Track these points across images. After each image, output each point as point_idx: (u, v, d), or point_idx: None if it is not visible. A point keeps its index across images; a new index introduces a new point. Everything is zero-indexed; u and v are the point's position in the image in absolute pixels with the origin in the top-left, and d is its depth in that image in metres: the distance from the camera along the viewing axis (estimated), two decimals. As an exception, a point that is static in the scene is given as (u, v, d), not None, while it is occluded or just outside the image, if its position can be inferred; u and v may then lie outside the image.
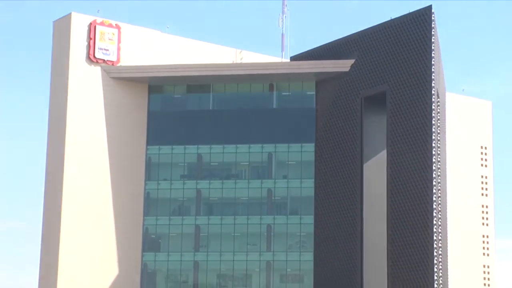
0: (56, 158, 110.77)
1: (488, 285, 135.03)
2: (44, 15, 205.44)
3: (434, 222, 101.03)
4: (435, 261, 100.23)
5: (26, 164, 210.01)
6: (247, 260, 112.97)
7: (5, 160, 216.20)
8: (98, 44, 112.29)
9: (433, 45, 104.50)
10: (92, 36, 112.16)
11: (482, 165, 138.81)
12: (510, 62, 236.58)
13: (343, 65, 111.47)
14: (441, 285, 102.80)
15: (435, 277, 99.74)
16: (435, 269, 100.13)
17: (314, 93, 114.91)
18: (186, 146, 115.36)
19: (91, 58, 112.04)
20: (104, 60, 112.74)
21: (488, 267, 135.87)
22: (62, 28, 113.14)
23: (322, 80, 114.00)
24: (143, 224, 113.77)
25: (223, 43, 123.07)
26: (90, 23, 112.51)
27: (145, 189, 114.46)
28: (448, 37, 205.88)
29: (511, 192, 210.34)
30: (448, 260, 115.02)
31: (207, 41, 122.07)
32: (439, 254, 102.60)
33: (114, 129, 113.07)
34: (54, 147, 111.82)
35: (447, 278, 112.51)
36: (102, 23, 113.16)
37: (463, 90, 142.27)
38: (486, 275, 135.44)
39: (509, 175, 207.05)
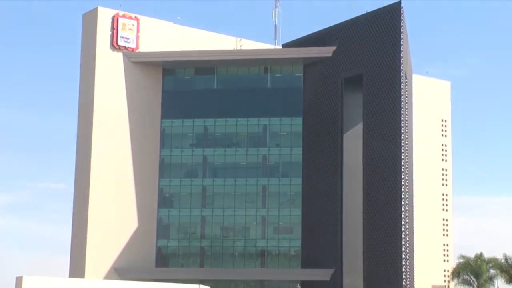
0: (86, 131, 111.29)
1: (446, 235, 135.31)
2: (74, 8, 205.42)
3: (402, 182, 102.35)
4: (403, 215, 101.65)
5: (60, 136, 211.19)
6: (245, 215, 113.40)
7: (43, 132, 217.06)
8: (120, 33, 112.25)
9: (402, 34, 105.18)
10: (115, 26, 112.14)
11: (442, 135, 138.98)
12: (466, 49, 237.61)
13: (327, 51, 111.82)
14: (407, 236, 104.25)
15: (403, 229, 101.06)
16: (403, 222, 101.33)
17: (302, 74, 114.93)
18: (195, 120, 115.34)
19: (115, 45, 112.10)
20: (125, 47, 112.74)
21: (446, 220, 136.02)
22: (89, 20, 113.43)
23: (309, 64, 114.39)
24: (159, 185, 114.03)
25: (225, 32, 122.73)
26: (114, 16, 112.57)
27: (160, 155, 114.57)
28: (415, 27, 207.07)
29: (466, 158, 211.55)
30: (414, 214, 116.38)
31: (212, 30, 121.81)
32: (406, 210, 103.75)
33: (134, 105, 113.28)
34: (83, 121, 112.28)
35: (413, 230, 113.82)
36: (123, 16, 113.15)
37: (427, 72, 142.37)
38: (445, 227, 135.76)
39: (465, 143, 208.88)
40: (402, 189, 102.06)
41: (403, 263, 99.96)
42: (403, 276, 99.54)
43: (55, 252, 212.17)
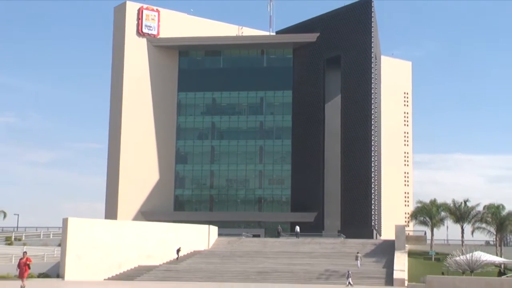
0: (117, 101, 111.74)
1: (407, 185, 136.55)
2: (106, 2, 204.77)
3: (372, 143, 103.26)
4: (372, 169, 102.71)
5: (97, 106, 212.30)
6: (246, 170, 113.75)
7: (83, 103, 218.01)
8: (144, 22, 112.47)
9: (372, 24, 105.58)
10: (140, 17, 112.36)
11: (404, 105, 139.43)
12: (425, 35, 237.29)
13: (312, 37, 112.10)
14: (376, 185, 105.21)
15: (372, 180, 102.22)
16: (372, 175, 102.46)
17: (291, 56, 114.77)
18: (205, 92, 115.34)
19: (140, 32, 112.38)
20: (148, 33, 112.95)
21: (407, 173, 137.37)
22: (120, 12, 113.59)
23: (297, 47, 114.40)
24: (176, 145, 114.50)
25: (230, 22, 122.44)
26: (139, 8, 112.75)
27: (177, 121, 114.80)
28: (384, 16, 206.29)
29: (424, 123, 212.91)
30: (381, 168, 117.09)
31: (218, 20, 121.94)
32: (375, 165, 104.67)
33: (155, 81, 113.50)
34: (115, 93, 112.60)
35: (380, 180, 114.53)
36: (147, 8, 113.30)
37: (392, 54, 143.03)
38: (406, 179, 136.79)
39: (423, 112, 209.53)
40: (372, 148, 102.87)
41: (372, 207, 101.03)
42: (372, 218, 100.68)
43: (93, 199, 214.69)
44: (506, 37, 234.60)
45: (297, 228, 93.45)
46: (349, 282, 60.62)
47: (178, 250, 76.60)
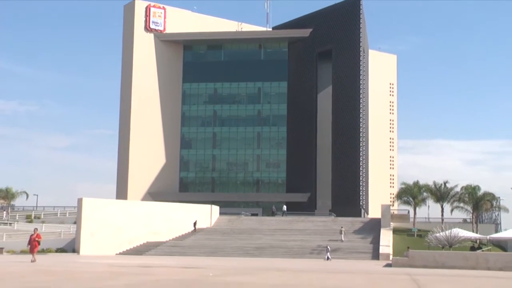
0: (127, 91, 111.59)
1: (392, 168, 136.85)
2: (117, 1, 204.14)
3: (360, 129, 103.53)
4: (360, 153, 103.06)
5: (109, 96, 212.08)
6: (245, 154, 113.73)
7: (96, 93, 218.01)
8: (152, 19, 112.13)
9: (360, 20, 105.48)
10: (148, 14, 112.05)
11: (390, 94, 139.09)
12: (409, 30, 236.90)
13: (305, 32, 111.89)
14: (364, 168, 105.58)
15: (360, 163, 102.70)
16: (360, 159, 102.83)
17: (287, 50, 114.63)
18: (207, 83, 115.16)
19: (147, 28, 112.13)
20: (155, 29, 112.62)
21: (392, 157, 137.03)
22: (129, 9, 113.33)
23: (292, 42, 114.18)
24: (181, 131, 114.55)
25: (230, 18, 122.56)
26: (147, 6, 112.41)
27: (182, 110, 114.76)
28: (371, 13, 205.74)
29: (408, 111, 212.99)
30: (369, 153, 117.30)
31: (219, 16, 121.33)
32: (363, 149, 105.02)
33: (162, 73, 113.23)
34: (125, 84, 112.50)
35: (368, 164, 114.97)
36: (154, 6, 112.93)
37: (379, 48, 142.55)
38: (391, 162, 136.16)
39: (407, 101, 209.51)
40: (360, 134, 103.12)
41: (360, 188, 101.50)
42: (360, 198, 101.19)
43: (105, 181, 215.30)
44: (482, 30, 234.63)
45: (284, 207, 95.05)
46: (327, 257, 61.01)
47: (194, 223, 78.40)
